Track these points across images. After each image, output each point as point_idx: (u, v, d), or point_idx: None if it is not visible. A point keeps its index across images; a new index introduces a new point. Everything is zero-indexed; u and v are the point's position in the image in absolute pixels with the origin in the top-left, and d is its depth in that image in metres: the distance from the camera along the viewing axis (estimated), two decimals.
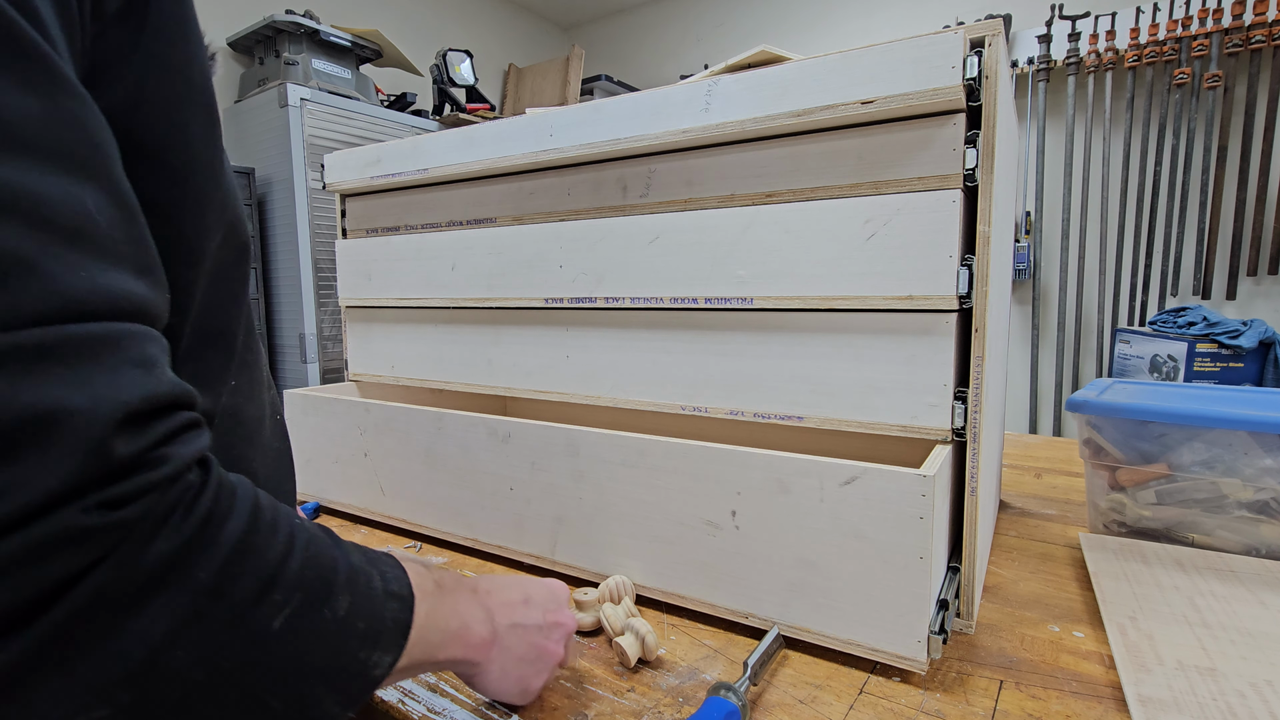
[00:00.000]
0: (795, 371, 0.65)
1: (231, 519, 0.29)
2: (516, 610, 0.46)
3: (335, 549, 0.34)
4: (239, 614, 0.28)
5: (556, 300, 0.79)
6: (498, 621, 0.44)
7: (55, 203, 0.25)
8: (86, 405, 0.24)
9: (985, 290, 0.57)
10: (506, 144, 0.80)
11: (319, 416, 0.94)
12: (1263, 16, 2.28)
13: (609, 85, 3.51)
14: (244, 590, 0.28)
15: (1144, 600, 0.63)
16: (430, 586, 0.39)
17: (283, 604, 0.30)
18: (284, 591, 0.30)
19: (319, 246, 2.36)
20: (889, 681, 0.53)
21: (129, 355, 0.26)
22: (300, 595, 0.30)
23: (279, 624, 0.29)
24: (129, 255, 0.28)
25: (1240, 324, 2.17)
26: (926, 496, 0.50)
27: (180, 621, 0.26)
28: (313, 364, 2.38)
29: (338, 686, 0.32)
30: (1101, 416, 0.78)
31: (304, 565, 0.31)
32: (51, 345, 0.24)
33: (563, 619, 0.50)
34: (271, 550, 0.30)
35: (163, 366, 0.28)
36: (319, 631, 0.31)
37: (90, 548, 0.24)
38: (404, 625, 0.36)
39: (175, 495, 0.27)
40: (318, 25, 2.40)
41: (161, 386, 0.27)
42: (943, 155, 0.58)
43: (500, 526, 0.77)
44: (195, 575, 0.27)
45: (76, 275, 0.25)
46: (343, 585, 0.33)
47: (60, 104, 0.26)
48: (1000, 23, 0.55)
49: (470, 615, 0.42)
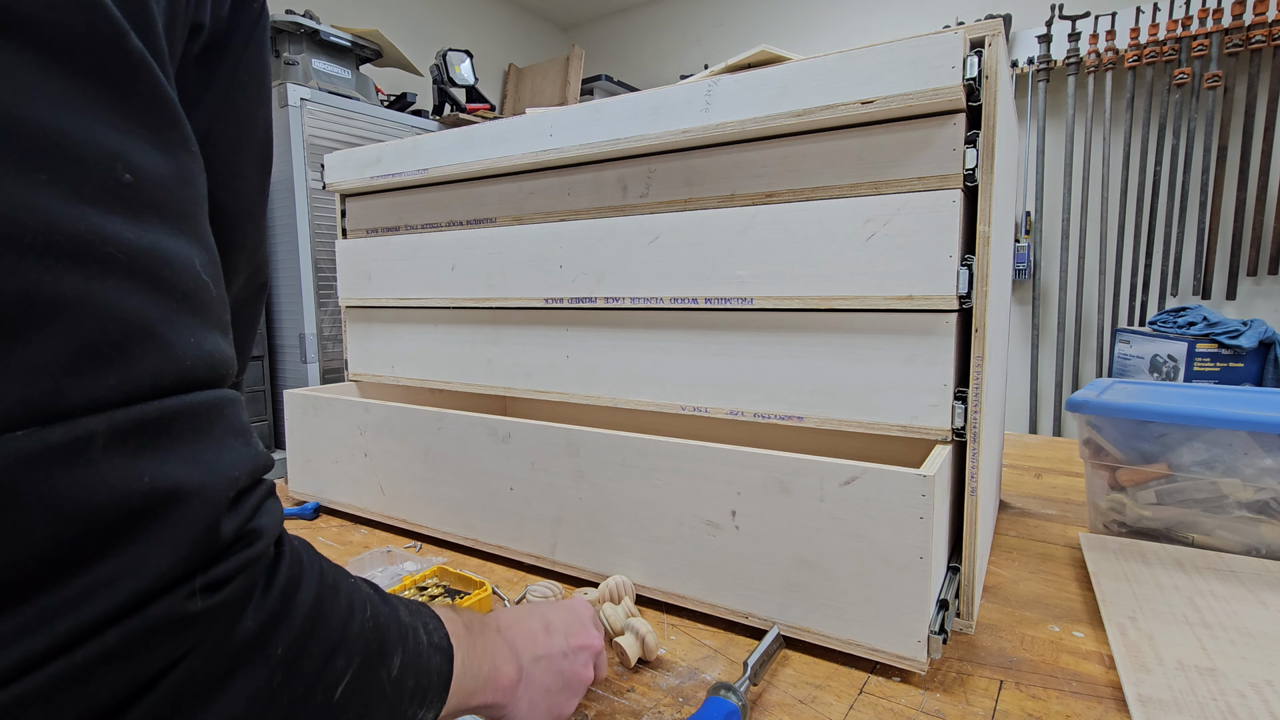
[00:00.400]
0: (795, 371, 0.65)
1: (303, 587, 0.28)
2: (539, 641, 0.45)
3: (386, 605, 0.33)
4: (309, 685, 0.27)
5: (556, 300, 0.79)
6: (523, 658, 0.42)
7: (176, 265, 0.24)
8: (205, 484, 0.23)
9: (985, 290, 0.57)
10: (506, 144, 0.80)
11: (319, 416, 0.94)
12: (1263, 16, 2.28)
13: (609, 85, 3.51)
14: (313, 659, 0.27)
15: (1144, 600, 0.63)
16: (461, 631, 0.38)
17: (345, 669, 0.28)
18: (346, 656, 0.29)
19: (319, 246, 2.36)
20: (889, 681, 0.53)
21: (232, 426, 0.26)
22: (360, 658, 0.29)
23: (340, 693, 0.28)
24: (220, 315, 0.27)
25: (1240, 324, 2.17)
26: (926, 496, 0.50)
27: (256, 702, 0.25)
28: (313, 364, 2.38)
29: None
30: (1101, 416, 0.78)
31: (363, 627, 0.30)
32: (168, 419, 0.23)
33: (588, 640, 0.48)
34: (336, 615, 0.29)
35: (254, 434, 0.27)
36: (376, 695, 0.30)
37: (190, 635, 0.23)
38: (447, 678, 0.35)
39: (262, 570, 0.26)
40: (318, 25, 2.40)
41: (260, 458, 0.27)
42: (943, 155, 0.58)
43: (500, 526, 0.77)
44: (274, 650, 0.26)
45: (188, 342, 0.24)
46: (395, 643, 0.32)
47: (183, 162, 0.26)
48: (1000, 23, 0.55)
49: (499, 656, 0.40)
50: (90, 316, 0.21)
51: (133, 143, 0.24)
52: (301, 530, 0.89)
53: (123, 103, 0.23)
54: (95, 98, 0.22)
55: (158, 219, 0.24)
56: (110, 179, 0.23)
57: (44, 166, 0.21)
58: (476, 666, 0.38)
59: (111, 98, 0.23)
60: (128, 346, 0.22)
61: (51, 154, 0.21)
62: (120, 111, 0.23)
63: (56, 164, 0.21)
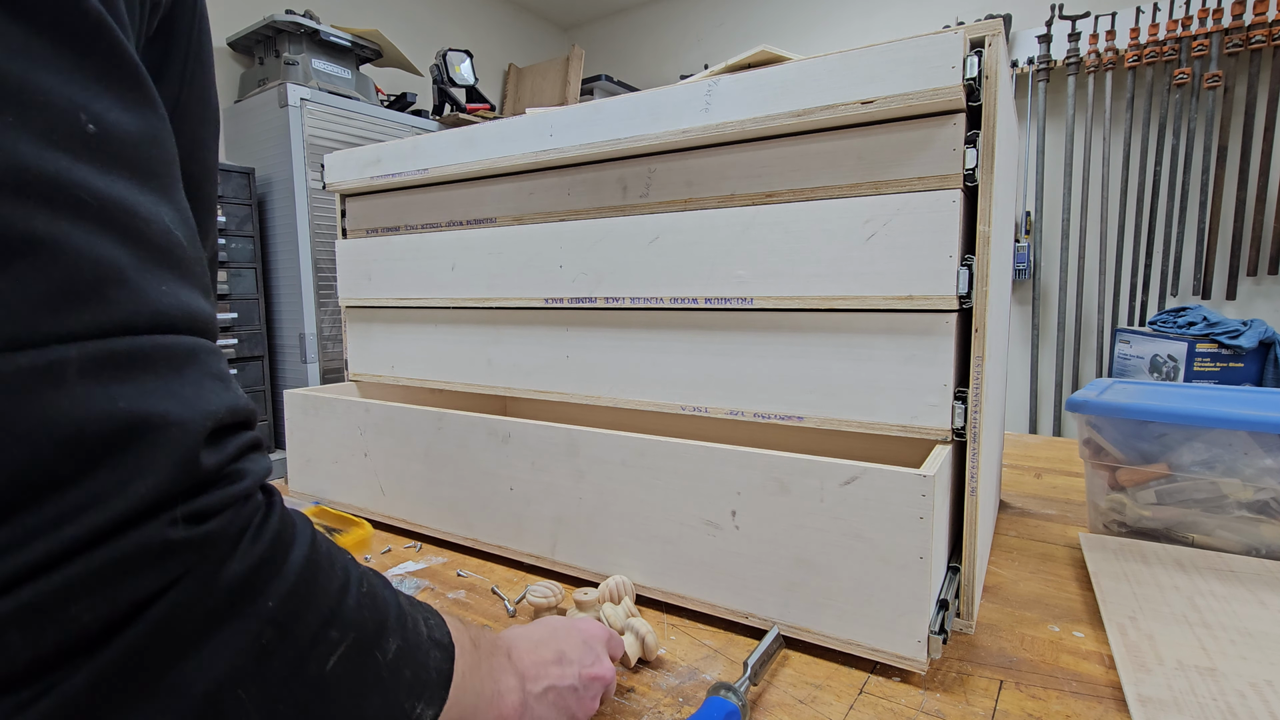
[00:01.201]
0: (795, 371, 0.65)
1: (296, 546, 0.28)
2: (550, 673, 0.43)
3: (387, 588, 0.32)
4: (300, 653, 0.26)
5: (556, 300, 0.79)
6: (529, 689, 0.41)
7: (147, 219, 0.25)
8: (182, 415, 0.24)
9: (985, 290, 0.57)
10: (506, 144, 0.80)
11: (319, 416, 0.94)
12: (1263, 16, 2.28)
13: (609, 85, 3.51)
14: (305, 624, 0.27)
15: (1144, 600, 0.63)
16: (468, 644, 0.37)
17: (338, 642, 0.28)
18: (340, 629, 0.28)
19: (319, 246, 2.36)
20: (889, 681, 0.53)
21: (209, 369, 0.26)
22: (354, 634, 0.29)
23: (332, 665, 0.27)
24: (199, 275, 0.28)
25: (1240, 324, 2.17)
26: (926, 496, 0.50)
27: (244, 657, 0.25)
28: (313, 364, 2.38)
29: None
30: (1101, 416, 0.78)
31: (360, 603, 0.30)
32: (142, 354, 0.23)
33: (600, 672, 0.46)
34: (332, 582, 0.29)
35: (235, 382, 0.28)
36: (369, 677, 0.29)
37: (172, 565, 0.23)
38: (446, 677, 0.33)
39: (249, 513, 0.26)
40: (318, 25, 2.40)
41: (240, 401, 0.27)
42: (943, 155, 0.58)
43: (500, 526, 0.77)
44: (264, 604, 0.25)
45: (159, 290, 0.25)
46: (394, 627, 0.31)
47: (151, 123, 0.26)
48: (1000, 23, 0.55)
49: (504, 682, 0.39)
50: (63, 256, 0.22)
51: (96, 97, 0.24)
52: None
53: (83, 59, 0.24)
54: (56, 52, 0.23)
55: (126, 173, 0.24)
56: (77, 128, 0.23)
57: (9, 109, 0.21)
58: (479, 684, 0.37)
59: (72, 53, 0.23)
60: (101, 288, 0.23)
61: (16, 99, 0.22)
62: (82, 68, 0.24)
63: (22, 109, 0.22)
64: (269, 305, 2.43)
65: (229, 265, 2.22)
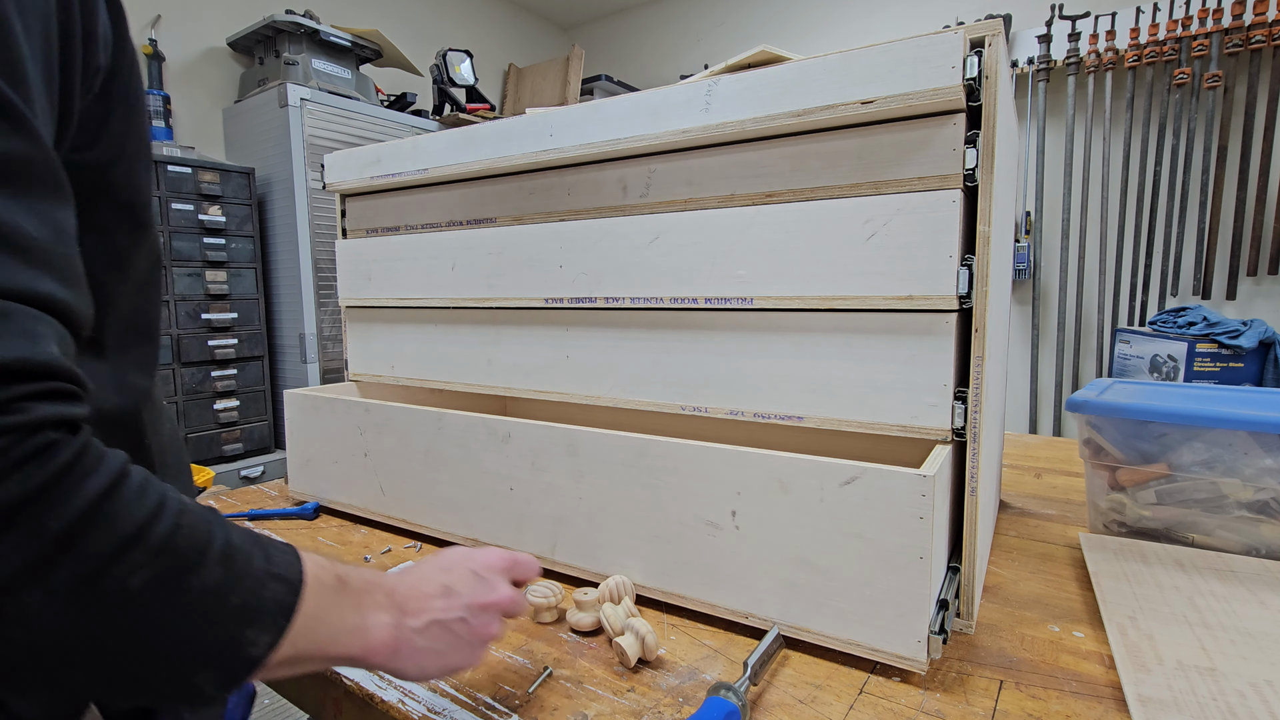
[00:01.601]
0: (795, 371, 0.65)
1: (93, 477, 0.30)
2: (434, 606, 0.45)
3: (213, 524, 0.35)
4: (94, 569, 0.29)
5: (556, 300, 0.79)
6: (408, 623, 0.43)
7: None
8: None
9: (985, 290, 0.57)
10: (506, 144, 0.80)
11: (319, 416, 0.94)
12: (1263, 16, 2.28)
13: (609, 85, 3.51)
14: (98, 545, 0.30)
15: (1144, 600, 0.63)
16: (330, 580, 0.39)
17: (142, 564, 0.31)
18: (145, 553, 0.31)
19: (319, 246, 2.36)
20: (889, 681, 0.53)
21: (19, 328, 0.30)
22: (166, 560, 0.32)
23: (138, 584, 0.30)
24: (59, 268, 0.32)
25: (1240, 324, 2.17)
26: (926, 496, 0.50)
27: (31, 565, 0.28)
28: (313, 364, 2.38)
29: (212, 662, 0.33)
30: (1101, 416, 0.78)
31: (172, 532, 0.32)
32: None
33: (493, 599, 0.48)
34: (135, 511, 0.31)
35: (48, 341, 0.31)
36: (186, 600, 0.32)
37: None
38: (286, 608, 0.36)
39: (32, 446, 0.29)
40: (318, 25, 2.40)
41: (39, 355, 0.30)
42: (943, 155, 0.58)
43: (500, 526, 0.77)
44: (46, 524, 0.28)
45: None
46: (216, 558, 0.33)
47: (14, 144, 0.31)
48: (1000, 23, 0.55)
49: (373, 617, 0.41)
50: None
51: None
52: (301, 530, 0.89)
53: None
54: None
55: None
56: None
57: None
58: (339, 617, 0.39)
59: None
60: None
61: None
62: None
63: None
64: (269, 305, 2.43)
65: (229, 265, 2.22)
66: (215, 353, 2.19)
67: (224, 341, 2.21)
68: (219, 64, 2.56)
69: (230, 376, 2.24)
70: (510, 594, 0.49)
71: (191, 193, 2.11)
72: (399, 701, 0.52)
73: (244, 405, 2.28)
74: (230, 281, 2.22)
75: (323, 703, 0.59)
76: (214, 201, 2.17)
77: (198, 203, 2.13)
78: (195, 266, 2.13)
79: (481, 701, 0.51)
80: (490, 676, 0.55)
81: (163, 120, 2.26)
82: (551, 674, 0.55)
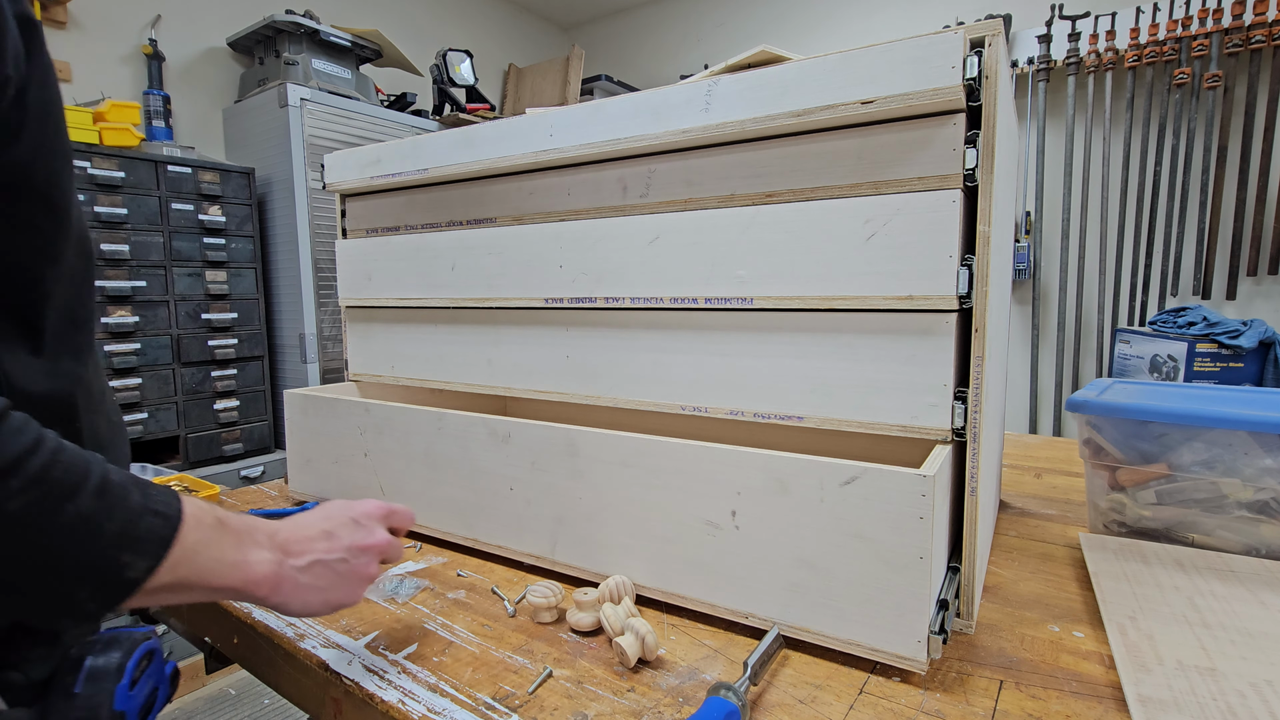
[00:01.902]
0: (795, 371, 0.65)
1: None
2: (316, 547, 0.50)
3: (91, 464, 0.39)
4: None
5: (556, 300, 0.79)
6: (290, 561, 0.48)
7: None
8: None
9: (985, 290, 0.57)
10: (506, 144, 0.80)
11: (319, 416, 0.94)
12: (1263, 16, 2.28)
13: (609, 85, 3.51)
14: None
15: (1144, 600, 0.63)
16: (210, 520, 0.44)
17: (19, 491, 0.35)
18: (21, 481, 0.35)
19: (319, 246, 2.36)
20: (889, 681, 0.53)
21: None
22: (42, 489, 0.35)
23: (15, 508, 0.34)
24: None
25: (1240, 324, 2.16)
26: (926, 496, 0.50)
27: None
28: (313, 364, 2.38)
29: (91, 582, 0.37)
30: (1101, 416, 0.78)
31: (48, 465, 0.36)
32: None
33: (371, 542, 0.54)
34: (12, 445, 0.35)
35: None
36: (62, 524, 0.36)
37: None
38: (163, 539, 0.40)
39: None
40: (318, 25, 2.40)
41: None
42: (943, 155, 0.58)
43: (500, 526, 0.77)
44: None
45: None
46: (92, 490, 0.37)
47: None
48: (1000, 23, 0.55)
49: (253, 554, 0.46)
50: None
51: None
52: None
53: None
54: None
55: None
56: None
57: None
58: (219, 551, 0.44)
59: None
60: None
61: None
62: None
63: None
64: (269, 305, 2.43)
65: (229, 265, 2.22)
66: (215, 353, 2.19)
67: (224, 341, 2.21)
68: (219, 64, 2.56)
69: (230, 376, 2.23)
70: (387, 539, 0.56)
71: (191, 193, 2.11)
72: (399, 701, 0.52)
73: (244, 405, 2.28)
74: (230, 281, 2.22)
75: (323, 703, 0.59)
76: (214, 201, 2.17)
77: (198, 203, 2.13)
78: (195, 266, 2.13)
79: (481, 701, 0.51)
80: (490, 676, 0.55)
81: (163, 120, 2.26)
82: (551, 674, 0.55)
